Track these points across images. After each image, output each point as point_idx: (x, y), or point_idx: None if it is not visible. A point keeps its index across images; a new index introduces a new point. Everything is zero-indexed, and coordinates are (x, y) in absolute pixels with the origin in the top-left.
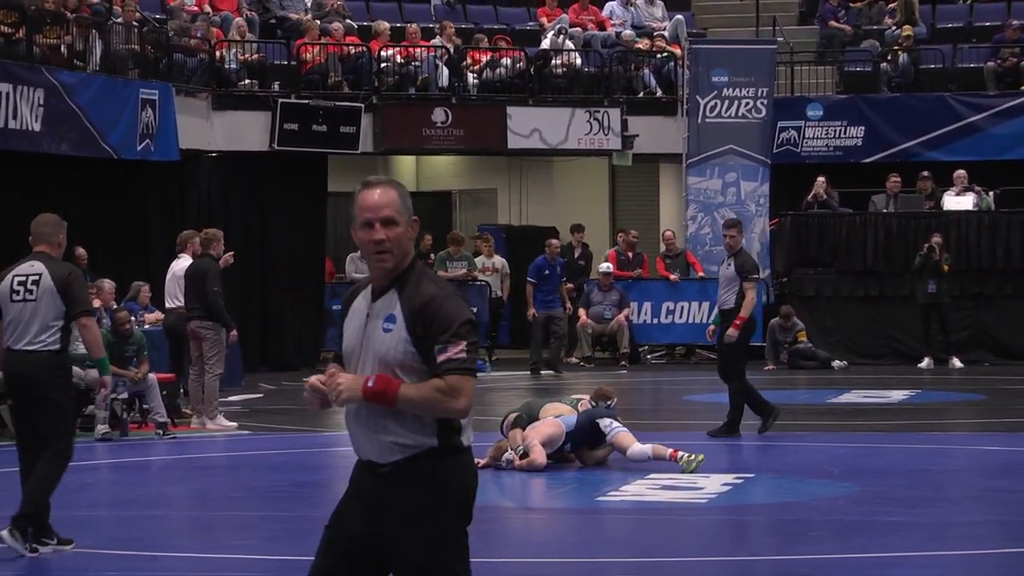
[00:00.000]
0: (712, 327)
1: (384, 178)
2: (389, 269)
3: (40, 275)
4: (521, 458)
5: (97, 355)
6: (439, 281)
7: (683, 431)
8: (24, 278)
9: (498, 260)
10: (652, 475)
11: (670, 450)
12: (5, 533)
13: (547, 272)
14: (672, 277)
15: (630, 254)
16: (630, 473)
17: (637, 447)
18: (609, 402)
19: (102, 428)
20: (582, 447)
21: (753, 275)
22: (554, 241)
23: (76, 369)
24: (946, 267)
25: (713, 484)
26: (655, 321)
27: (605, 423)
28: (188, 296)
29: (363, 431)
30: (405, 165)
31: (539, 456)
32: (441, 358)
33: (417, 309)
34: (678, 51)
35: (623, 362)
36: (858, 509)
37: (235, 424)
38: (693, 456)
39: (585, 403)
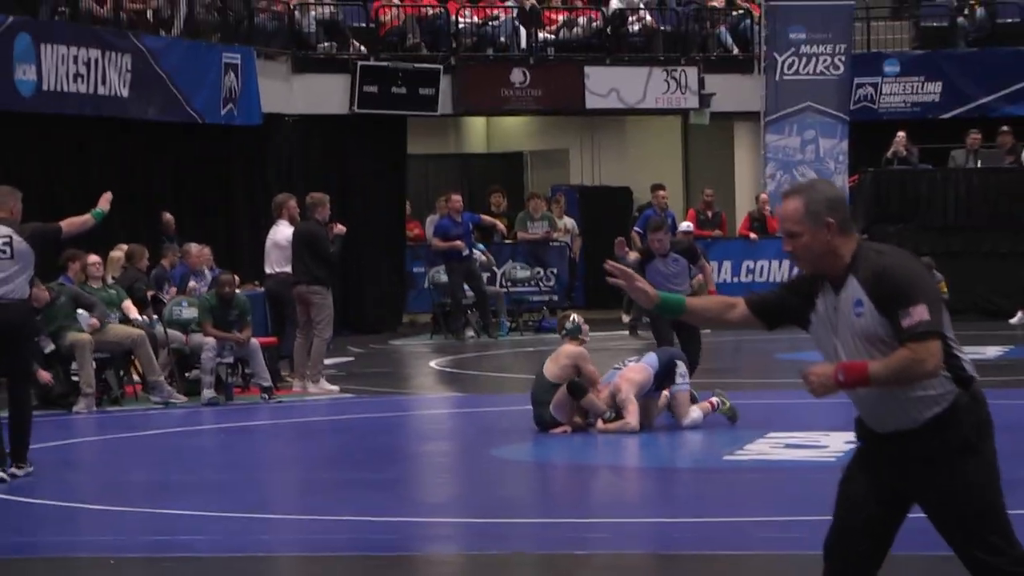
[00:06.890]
0: None
1: (799, 186)
2: (811, 270)
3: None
4: (608, 421)
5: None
6: (885, 249)
7: (777, 389)
8: None
9: (568, 221)
10: (771, 434)
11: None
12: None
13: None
14: (752, 236)
15: (709, 213)
16: (748, 430)
17: (695, 414)
18: None
19: (208, 393)
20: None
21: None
22: (661, 192)
23: (178, 334)
24: None
25: (835, 442)
26: (735, 279)
27: (682, 370)
28: (296, 260)
29: (882, 405)
30: (476, 126)
31: (634, 418)
32: (905, 324)
33: (878, 288)
34: (754, 8)
35: None
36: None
37: (337, 388)
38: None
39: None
